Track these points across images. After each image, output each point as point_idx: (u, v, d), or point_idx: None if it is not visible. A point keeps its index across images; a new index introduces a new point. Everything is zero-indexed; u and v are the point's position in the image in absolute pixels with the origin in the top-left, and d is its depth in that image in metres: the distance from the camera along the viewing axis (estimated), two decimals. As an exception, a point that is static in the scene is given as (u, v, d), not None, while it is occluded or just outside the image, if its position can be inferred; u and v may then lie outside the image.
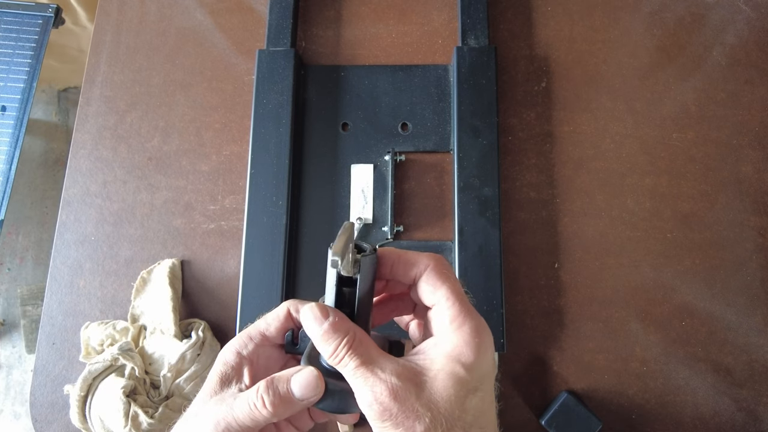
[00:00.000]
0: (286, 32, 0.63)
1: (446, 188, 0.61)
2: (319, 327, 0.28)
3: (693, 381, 0.56)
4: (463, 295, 0.29)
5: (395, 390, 0.26)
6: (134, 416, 0.50)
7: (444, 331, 0.28)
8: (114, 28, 0.68)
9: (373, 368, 0.27)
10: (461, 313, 0.28)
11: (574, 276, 0.59)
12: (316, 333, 0.28)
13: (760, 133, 0.62)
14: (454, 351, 0.27)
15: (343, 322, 0.28)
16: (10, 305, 1.45)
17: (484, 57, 0.60)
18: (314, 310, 0.28)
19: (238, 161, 0.63)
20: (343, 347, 0.27)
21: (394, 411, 0.26)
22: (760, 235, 0.59)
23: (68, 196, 0.62)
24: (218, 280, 0.60)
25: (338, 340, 0.27)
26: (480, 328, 0.28)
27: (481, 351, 0.27)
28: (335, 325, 0.28)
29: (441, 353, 0.27)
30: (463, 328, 0.28)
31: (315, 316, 0.28)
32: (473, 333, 0.28)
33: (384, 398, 0.26)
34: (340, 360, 0.27)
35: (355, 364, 0.27)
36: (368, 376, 0.27)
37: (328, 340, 0.28)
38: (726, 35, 0.65)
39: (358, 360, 0.27)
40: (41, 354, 0.58)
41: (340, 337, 0.28)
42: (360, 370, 0.27)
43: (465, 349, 0.27)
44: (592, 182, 0.61)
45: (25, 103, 0.81)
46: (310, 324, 0.28)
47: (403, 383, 0.26)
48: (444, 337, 0.28)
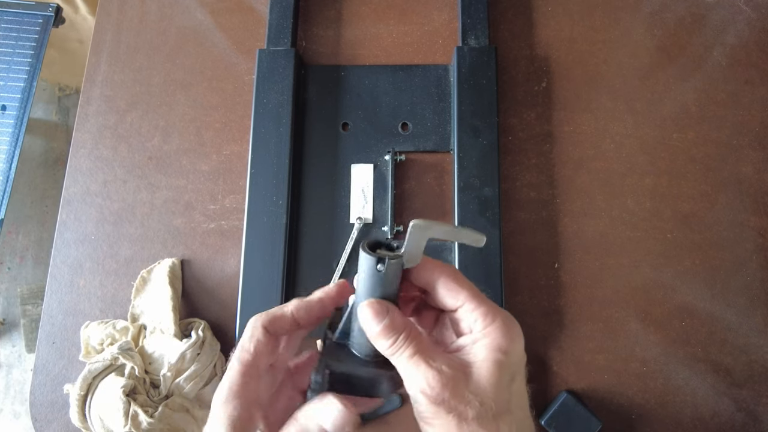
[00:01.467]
0: (286, 32, 0.63)
1: (446, 188, 0.61)
2: (379, 324, 0.29)
3: (693, 381, 0.56)
4: (483, 295, 0.31)
5: (448, 377, 0.28)
6: (134, 415, 0.50)
7: (478, 328, 0.30)
8: (114, 28, 0.68)
9: (426, 357, 0.28)
10: (490, 310, 0.30)
11: (574, 276, 0.59)
12: (374, 329, 0.29)
13: (761, 134, 0.62)
14: (493, 343, 0.29)
15: (400, 317, 0.30)
16: (10, 304, 1.45)
17: (485, 57, 0.60)
18: (374, 306, 0.30)
19: (239, 161, 0.63)
20: (402, 340, 0.29)
21: (446, 397, 0.27)
22: (760, 235, 0.59)
23: (68, 196, 0.62)
24: (218, 279, 0.60)
25: (397, 335, 0.29)
26: (509, 320, 0.30)
27: (515, 339, 0.30)
28: (394, 321, 0.29)
29: (481, 346, 0.29)
30: (495, 322, 0.29)
31: (376, 313, 0.29)
32: (505, 325, 0.29)
33: (437, 385, 0.27)
34: (397, 350, 0.29)
35: (410, 353, 0.29)
36: (421, 364, 0.28)
37: (388, 335, 0.29)
38: (726, 35, 0.65)
39: (413, 349, 0.29)
40: (41, 353, 0.58)
41: (398, 333, 0.29)
42: (414, 358, 0.29)
43: (502, 340, 0.29)
44: (593, 182, 0.61)
45: (25, 103, 0.81)
46: (369, 320, 0.29)
47: (455, 372, 0.28)
48: (480, 333, 0.30)
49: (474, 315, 0.30)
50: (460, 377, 0.28)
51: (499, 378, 0.28)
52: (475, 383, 0.28)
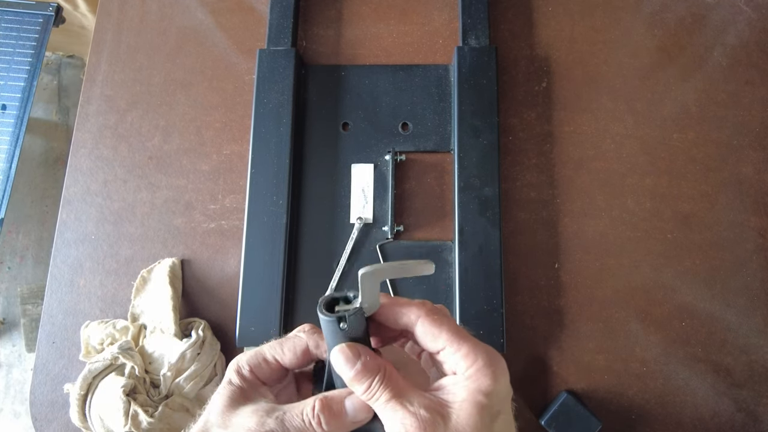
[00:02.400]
0: (286, 32, 0.63)
1: (446, 188, 0.61)
2: (351, 369, 0.29)
3: (693, 381, 0.56)
4: (464, 332, 0.31)
5: (424, 421, 0.27)
6: (134, 415, 0.50)
7: (460, 369, 0.30)
8: (115, 28, 0.68)
9: (403, 401, 0.28)
10: (471, 350, 0.29)
11: (574, 276, 0.59)
12: (347, 374, 0.29)
13: (761, 134, 0.62)
14: (474, 384, 0.29)
15: (374, 360, 0.30)
16: (10, 304, 1.45)
17: (485, 57, 0.60)
18: (345, 351, 0.29)
19: (239, 160, 0.63)
20: (376, 384, 0.29)
21: None
22: (760, 235, 0.59)
23: (69, 195, 0.62)
24: (218, 279, 0.60)
25: (371, 379, 0.29)
26: (491, 357, 0.30)
27: (498, 377, 0.29)
28: (367, 365, 0.29)
29: (462, 387, 0.29)
30: (477, 362, 0.29)
31: (347, 358, 0.29)
32: (488, 364, 0.29)
33: (412, 429, 0.27)
34: (372, 394, 0.29)
35: (386, 398, 0.29)
36: (398, 409, 0.28)
37: (362, 379, 0.29)
38: (727, 36, 0.65)
39: (389, 394, 0.29)
40: (41, 353, 0.58)
41: (372, 375, 0.29)
42: (390, 403, 0.28)
43: (483, 380, 0.29)
44: (593, 182, 0.61)
45: (26, 102, 0.81)
46: (342, 366, 0.29)
47: (431, 415, 0.28)
48: (461, 374, 0.29)
49: (455, 357, 0.30)
50: (438, 420, 0.28)
51: (479, 419, 0.28)
52: (453, 425, 0.28)
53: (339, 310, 0.30)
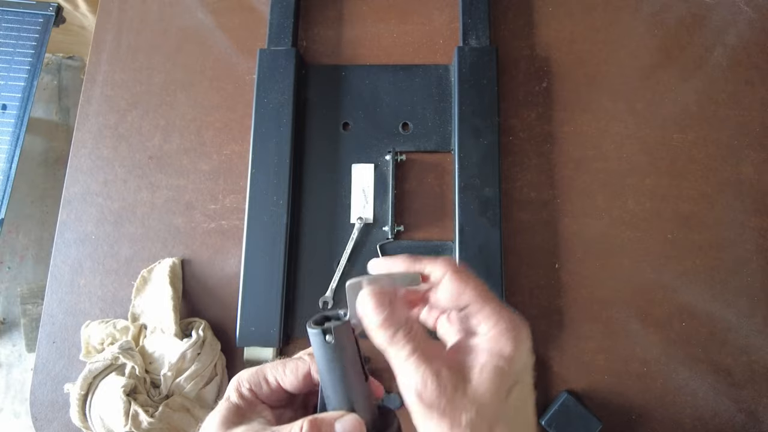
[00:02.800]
0: (287, 32, 0.63)
1: (447, 188, 0.61)
2: (380, 315, 0.28)
3: (693, 382, 0.56)
4: (489, 293, 0.30)
5: (445, 381, 0.27)
6: (134, 415, 0.50)
7: (482, 330, 0.29)
8: (115, 28, 0.68)
9: (425, 358, 0.28)
10: (494, 311, 0.29)
11: (575, 276, 0.59)
12: (375, 320, 0.28)
13: (761, 134, 0.62)
14: (495, 347, 0.28)
15: (402, 310, 0.29)
16: (11, 304, 1.45)
17: (485, 57, 0.60)
18: (375, 296, 0.29)
19: (239, 160, 0.63)
20: (401, 334, 0.28)
21: (442, 402, 0.27)
22: (760, 236, 0.59)
23: (69, 195, 0.62)
24: (219, 279, 0.60)
25: (396, 328, 0.28)
26: (515, 322, 0.29)
27: (519, 343, 0.28)
28: (396, 314, 0.28)
29: (483, 349, 0.28)
30: (499, 324, 0.28)
31: (376, 304, 0.28)
32: (510, 328, 0.28)
33: (433, 389, 0.27)
34: (395, 345, 0.28)
35: (409, 352, 0.28)
36: (420, 365, 0.27)
37: (389, 327, 0.28)
38: (727, 36, 0.65)
39: (413, 347, 0.28)
40: (41, 353, 0.58)
41: (399, 325, 0.28)
42: (413, 357, 0.28)
43: (505, 344, 0.28)
44: (593, 183, 0.61)
45: (26, 102, 0.81)
46: (370, 311, 0.28)
47: (452, 375, 0.27)
48: (483, 335, 0.29)
49: (479, 317, 0.29)
50: (458, 382, 0.27)
51: (499, 385, 0.27)
52: (473, 389, 0.27)
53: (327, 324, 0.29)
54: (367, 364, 0.31)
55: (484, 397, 0.27)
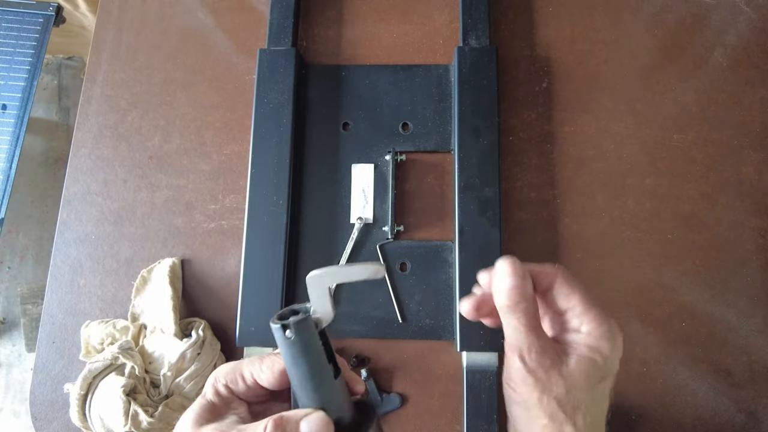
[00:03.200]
0: (287, 31, 0.63)
1: (447, 188, 0.61)
2: (515, 280, 0.32)
3: (693, 382, 0.56)
4: (594, 299, 0.34)
5: (548, 353, 0.31)
6: (134, 415, 0.50)
7: (584, 329, 0.33)
8: (115, 27, 0.68)
9: (536, 331, 0.32)
10: (598, 316, 0.33)
11: (575, 276, 0.58)
12: (509, 282, 0.32)
13: (761, 134, 0.62)
14: (595, 344, 0.32)
15: (530, 287, 0.33)
16: (10, 304, 1.45)
17: (485, 57, 0.60)
18: (516, 264, 0.32)
19: (239, 160, 0.63)
20: (523, 305, 0.32)
21: (539, 371, 0.31)
22: (760, 236, 0.59)
23: (69, 195, 0.62)
24: (218, 279, 0.60)
25: (522, 300, 0.32)
26: (614, 329, 0.33)
27: (615, 347, 0.32)
28: (527, 287, 0.32)
29: (583, 344, 0.32)
30: (602, 327, 0.32)
31: (514, 270, 0.32)
32: (609, 332, 0.32)
33: (537, 355, 0.31)
34: (515, 312, 0.32)
35: (524, 323, 0.32)
36: (530, 335, 0.31)
37: (516, 295, 0.32)
38: (727, 36, 0.65)
39: (527, 319, 0.32)
40: (41, 352, 0.58)
41: (523, 297, 0.32)
42: (526, 327, 0.32)
43: (603, 344, 0.32)
44: (593, 183, 0.61)
45: (26, 102, 0.81)
46: (508, 273, 0.32)
47: (553, 353, 0.32)
48: (585, 333, 0.33)
49: (582, 318, 0.33)
50: (556, 361, 0.31)
51: (590, 375, 0.31)
52: (568, 371, 0.31)
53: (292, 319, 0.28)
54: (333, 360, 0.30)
55: (576, 380, 0.31)
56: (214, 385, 0.31)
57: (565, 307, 0.34)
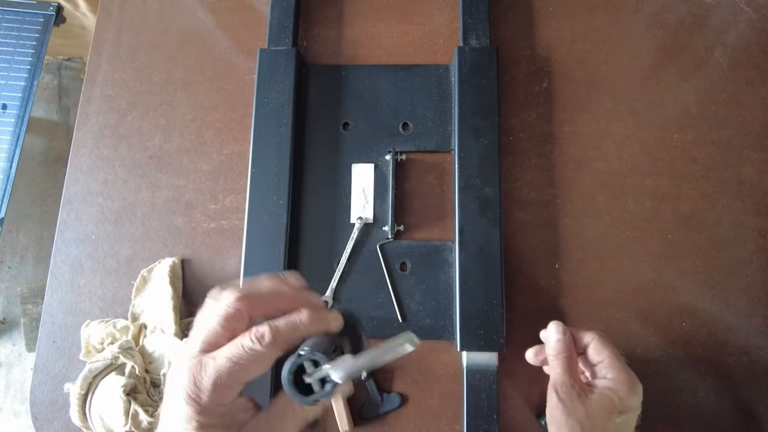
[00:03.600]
0: (287, 31, 0.63)
1: (447, 188, 0.61)
2: (563, 336, 0.46)
3: (693, 382, 0.56)
4: (620, 357, 0.45)
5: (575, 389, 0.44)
6: (134, 415, 0.50)
7: (609, 376, 0.44)
8: (115, 27, 0.68)
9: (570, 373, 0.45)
10: (622, 369, 0.45)
11: (575, 276, 0.59)
12: (557, 336, 0.46)
13: (762, 135, 0.62)
14: (615, 386, 0.44)
15: (571, 343, 0.46)
16: (11, 303, 1.45)
17: (486, 57, 0.60)
18: (559, 326, 0.47)
19: (239, 160, 0.63)
20: (564, 354, 0.46)
21: (568, 400, 0.43)
22: (760, 236, 0.59)
23: (69, 195, 0.63)
24: (219, 279, 0.60)
25: (563, 349, 0.46)
26: (633, 378, 0.44)
27: (632, 391, 0.43)
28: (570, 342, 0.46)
29: (605, 386, 0.44)
30: (621, 376, 0.44)
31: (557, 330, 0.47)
32: (628, 381, 0.44)
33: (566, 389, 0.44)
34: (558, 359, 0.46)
35: (564, 367, 0.45)
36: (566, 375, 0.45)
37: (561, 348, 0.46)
38: (727, 36, 0.65)
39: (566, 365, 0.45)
40: (41, 352, 0.58)
41: (566, 348, 0.46)
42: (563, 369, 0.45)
43: (622, 387, 0.43)
44: (593, 183, 0.61)
45: (26, 102, 0.81)
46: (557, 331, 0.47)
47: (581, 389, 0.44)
48: (609, 379, 0.44)
49: (609, 369, 0.44)
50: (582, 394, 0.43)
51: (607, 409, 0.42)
52: (589, 402, 0.43)
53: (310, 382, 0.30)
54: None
55: (595, 410, 0.42)
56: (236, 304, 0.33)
57: (596, 361, 0.46)
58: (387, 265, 0.59)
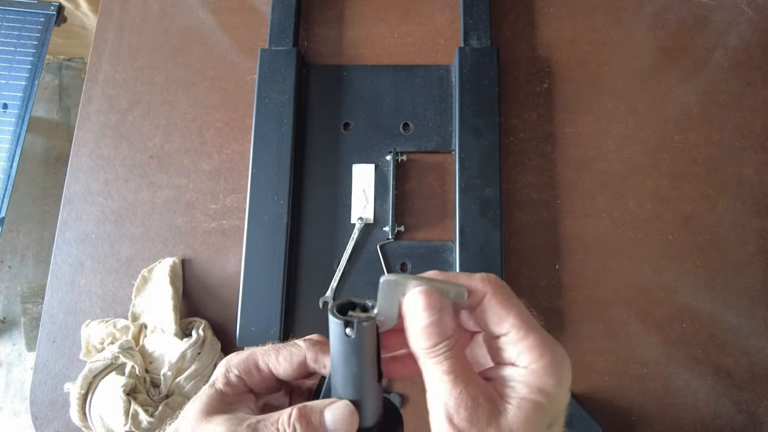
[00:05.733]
0: (288, 31, 0.63)
1: (447, 188, 0.61)
2: (428, 317, 0.26)
3: (693, 383, 0.56)
4: (532, 320, 0.27)
5: (480, 410, 0.25)
6: (134, 414, 0.50)
7: (522, 362, 0.27)
8: (116, 27, 0.68)
9: (464, 380, 0.26)
10: (538, 343, 0.26)
11: (575, 277, 0.59)
12: (421, 321, 0.26)
13: (762, 136, 0.62)
14: (536, 382, 0.26)
15: (451, 320, 0.27)
16: (11, 303, 1.45)
17: (486, 58, 0.60)
18: (429, 296, 0.26)
19: (240, 160, 0.63)
20: (443, 347, 0.26)
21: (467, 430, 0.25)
22: (761, 237, 0.59)
23: (69, 194, 0.62)
24: (219, 279, 0.60)
25: (441, 339, 0.26)
26: (559, 357, 0.27)
27: (562, 380, 0.27)
28: (444, 322, 0.26)
29: (522, 383, 0.26)
30: (544, 358, 0.26)
31: (427, 304, 0.26)
32: (554, 362, 0.26)
33: (466, 415, 0.25)
34: (435, 356, 0.26)
35: (448, 368, 0.26)
36: (457, 385, 0.25)
37: (432, 334, 0.26)
38: (728, 37, 0.65)
39: (452, 364, 0.26)
40: (41, 352, 0.58)
41: (444, 337, 0.26)
42: (450, 375, 0.26)
43: (547, 380, 0.26)
44: (594, 183, 0.61)
45: (27, 101, 0.81)
46: (419, 310, 0.26)
47: (488, 405, 0.25)
48: (523, 367, 0.27)
49: (519, 347, 0.26)
50: (493, 413, 0.25)
51: (536, 424, 0.26)
52: (507, 424, 0.25)
53: (352, 315, 0.27)
54: None
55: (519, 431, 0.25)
56: (226, 374, 0.30)
57: (497, 333, 0.27)
58: (387, 265, 0.59)
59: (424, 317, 0.26)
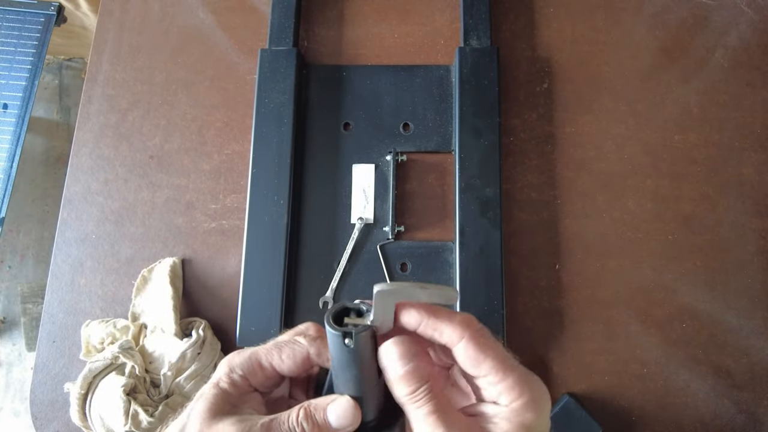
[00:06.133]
0: (288, 31, 0.63)
1: (447, 189, 0.61)
2: (403, 367, 0.27)
3: (693, 383, 0.56)
4: (510, 361, 0.28)
5: None
6: (134, 414, 0.50)
7: (503, 401, 0.28)
8: (117, 27, 0.68)
9: (446, 419, 0.27)
10: (517, 383, 0.28)
11: (575, 277, 0.59)
12: (396, 371, 0.28)
13: (762, 136, 0.62)
14: (518, 417, 0.27)
15: (426, 366, 0.28)
16: (11, 303, 1.45)
17: (486, 58, 0.60)
18: (401, 346, 0.28)
19: (240, 160, 0.63)
20: (422, 392, 0.27)
21: None
22: (761, 237, 0.59)
23: (69, 194, 0.63)
24: (219, 279, 0.60)
25: (419, 385, 0.27)
26: (538, 390, 0.28)
27: (542, 413, 0.28)
28: (420, 369, 0.28)
29: (504, 419, 0.27)
30: (523, 396, 0.27)
31: (401, 354, 0.28)
32: (534, 399, 0.28)
33: None
34: (416, 401, 0.27)
35: (429, 410, 0.27)
36: (439, 427, 0.26)
37: (410, 381, 0.27)
38: (728, 37, 0.65)
39: (433, 407, 0.27)
40: (41, 352, 0.58)
41: (421, 382, 0.27)
42: (432, 417, 0.27)
43: (527, 414, 0.27)
44: (594, 183, 0.61)
45: (27, 101, 0.81)
46: (393, 361, 0.28)
47: None
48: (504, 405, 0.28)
49: (499, 387, 0.28)
50: None
51: None
52: None
53: (348, 323, 0.28)
54: None
55: None
56: (230, 374, 0.30)
57: (476, 375, 0.28)
58: (387, 265, 0.59)
59: (400, 366, 0.27)
